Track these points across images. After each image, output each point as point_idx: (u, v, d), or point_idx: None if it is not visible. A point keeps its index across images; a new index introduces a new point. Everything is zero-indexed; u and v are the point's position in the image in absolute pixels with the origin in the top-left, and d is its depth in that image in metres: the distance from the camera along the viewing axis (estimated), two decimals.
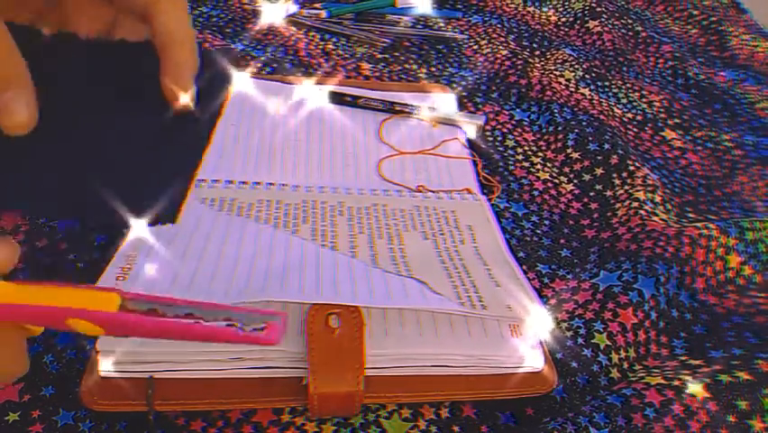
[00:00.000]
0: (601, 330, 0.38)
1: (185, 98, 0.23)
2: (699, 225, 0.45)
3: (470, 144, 0.53)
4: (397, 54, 0.65)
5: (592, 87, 0.63)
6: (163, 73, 0.23)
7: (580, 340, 0.37)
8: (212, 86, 0.24)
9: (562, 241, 0.46)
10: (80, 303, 0.20)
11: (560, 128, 0.55)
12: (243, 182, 0.44)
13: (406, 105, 0.55)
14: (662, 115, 0.61)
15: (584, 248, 0.45)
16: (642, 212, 0.46)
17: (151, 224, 0.23)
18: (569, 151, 0.53)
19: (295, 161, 0.48)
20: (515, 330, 0.35)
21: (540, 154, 0.54)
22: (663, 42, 0.73)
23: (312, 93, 0.55)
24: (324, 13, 0.68)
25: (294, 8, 0.68)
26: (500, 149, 0.54)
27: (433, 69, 0.64)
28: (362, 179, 0.48)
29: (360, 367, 0.32)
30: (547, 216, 0.48)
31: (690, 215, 0.50)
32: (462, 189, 0.47)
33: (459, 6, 0.77)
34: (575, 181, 0.51)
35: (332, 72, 0.61)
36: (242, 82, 0.55)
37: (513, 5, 0.78)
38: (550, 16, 0.77)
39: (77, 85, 0.23)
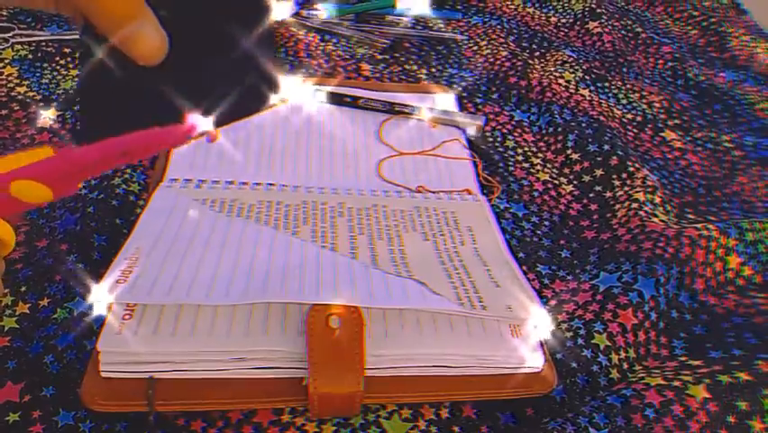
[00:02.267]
0: (601, 331, 0.38)
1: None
2: (698, 225, 0.45)
3: (470, 145, 0.53)
4: (397, 55, 0.65)
5: (592, 88, 0.63)
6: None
7: (579, 341, 0.37)
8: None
9: (561, 242, 0.46)
10: (18, 163, 0.21)
11: (560, 129, 0.55)
12: (244, 183, 0.44)
13: (406, 105, 0.55)
14: (662, 116, 0.61)
15: (584, 249, 0.46)
16: (641, 213, 0.46)
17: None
18: (569, 152, 0.53)
19: (295, 162, 0.48)
20: (515, 331, 0.35)
21: (540, 155, 0.54)
22: (663, 43, 0.73)
23: (312, 93, 0.55)
24: (324, 14, 0.68)
25: (294, 8, 0.68)
26: (500, 150, 0.54)
27: (433, 69, 0.64)
28: (362, 180, 0.48)
29: (360, 367, 0.32)
30: (547, 217, 0.48)
31: (690, 216, 0.50)
32: (462, 190, 0.47)
33: (459, 7, 0.77)
34: (575, 182, 0.51)
35: (332, 73, 0.61)
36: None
37: (513, 6, 0.78)
38: (550, 17, 0.77)
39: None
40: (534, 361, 0.34)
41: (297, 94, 0.55)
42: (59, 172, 0.21)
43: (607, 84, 0.64)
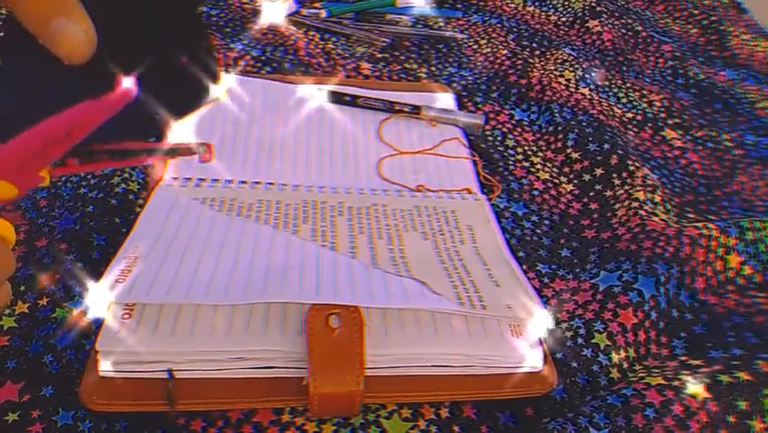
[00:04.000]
0: (601, 330, 0.38)
1: None
2: (699, 224, 0.45)
3: (470, 144, 0.53)
4: (396, 54, 0.65)
5: (592, 86, 0.63)
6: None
7: (580, 340, 0.37)
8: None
9: (561, 241, 0.46)
10: None
11: (560, 128, 0.55)
12: (243, 182, 0.44)
13: (405, 104, 0.55)
14: (663, 115, 0.61)
15: (584, 248, 0.45)
16: (642, 212, 0.46)
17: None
18: (569, 151, 0.53)
19: (295, 161, 0.48)
20: (515, 330, 0.35)
21: (540, 154, 0.54)
22: (663, 42, 0.73)
23: (312, 93, 0.54)
24: (323, 13, 0.68)
25: (294, 8, 0.68)
26: (500, 149, 0.54)
27: (433, 68, 0.64)
28: (362, 179, 0.48)
29: (360, 367, 0.31)
30: (547, 216, 0.48)
31: (690, 215, 0.50)
32: (462, 189, 0.47)
33: (459, 6, 0.77)
34: (575, 181, 0.51)
35: (332, 72, 0.61)
36: (242, 82, 0.55)
37: (513, 5, 0.78)
38: (550, 16, 0.77)
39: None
40: (534, 360, 0.34)
41: (298, 93, 0.55)
42: (10, 165, 0.21)
43: (607, 83, 0.64)
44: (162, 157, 0.25)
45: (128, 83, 0.21)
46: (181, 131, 0.24)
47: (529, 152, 0.54)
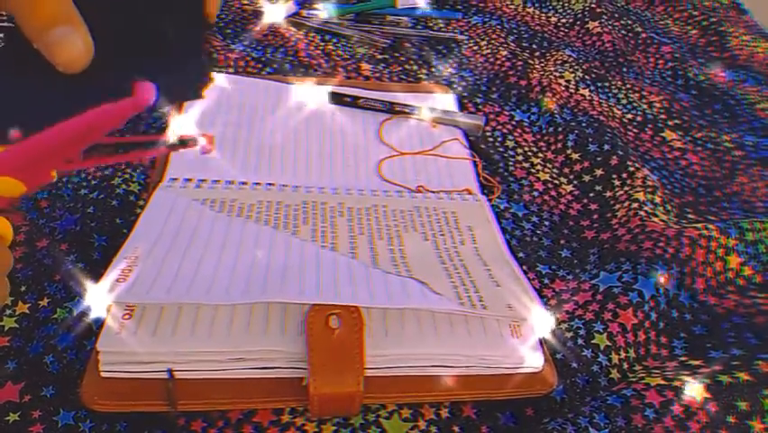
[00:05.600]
0: (601, 331, 0.38)
1: None
2: (698, 225, 0.45)
3: (470, 145, 0.53)
4: (397, 55, 0.65)
5: (592, 87, 0.63)
6: None
7: (580, 341, 0.37)
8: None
9: (562, 241, 0.46)
10: None
11: (560, 129, 0.55)
12: (243, 183, 0.44)
13: (406, 105, 0.55)
14: (663, 116, 0.61)
15: (584, 249, 0.45)
16: (642, 213, 0.46)
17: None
18: (569, 151, 0.53)
19: (295, 162, 0.48)
20: (515, 330, 0.35)
21: (540, 155, 0.54)
22: (663, 43, 0.73)
23: (312, 93, 0.55)
24: (324, 14, 0.68)
25: (294, 8, 0.68)
26: (500, 149, 0.54)
27: (433, 69, 0.64)
28: (362, 180, 0.48)
29: (360, 367, 0.32)
30: (547, 217, 0.48)
31: (690, 215, 0.50)
32: (462, 190, 0.47)
33: (459, 7, 0.77)
34: (575, 182, 0.51)
35: (332, 72, 0.61)
36: (242, 83, 0.55)
37: (513, 6, 0.78)
38: (550, 17, 0.77)
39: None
40: (535, 361, 0.34)
41: (298, 94, 0.55)
42: (20, 162, 0.21)
43: (607, 84, 0.64)
44: (164, 149, 0.25)
45: (147, 88, 0.21)
46: (181, 125, 0.24)
47: (529, 153, 0.54)
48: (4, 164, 0.21)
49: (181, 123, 0.24)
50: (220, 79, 0.55)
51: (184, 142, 0.25)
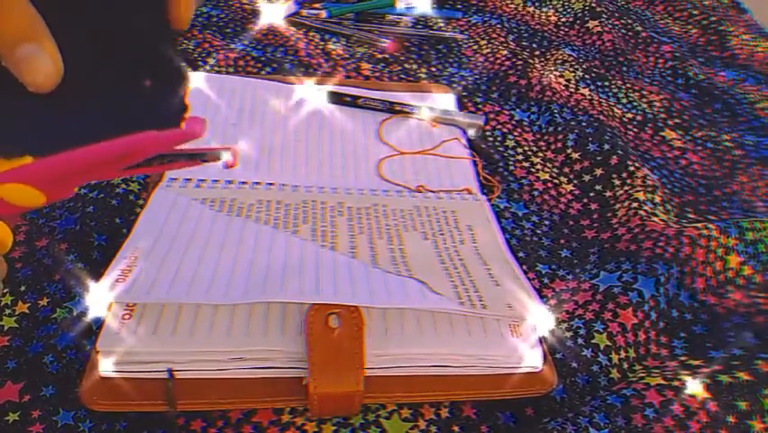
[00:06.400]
0: (601, 330, 0.38)
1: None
2: (698, 225, 0.45)
3: (470, 144, 0.53)
4: (397, 54, 0.65)
5: (592, 87, 0.63)
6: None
7: (579, 340, 0.37)
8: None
9: (561, 241, 0.46)
10: (2, 168, 0.20)
11: (560, 128, 0.55)
12: (243, 182, 0.44)
13: (406, 105, 0.55)
14: (662, 115, 0.61)
15: (584, 248, 0.45)
16: (642, 212, 0.46)
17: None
18: (569, 151, 0.53)
19: (295, 161, 0.48)
20: (515, 330, 0.35)
21: (540, 154, 0.54)
22: (663, 42, 0.73)
23: (312, 93, 0.55)
24: (324, 14, 0.68)
25: (294, 8, 0.68)
26: (500, 149, 0.54)
27: (433, 68, 0.64)
28: (362, 180, 0.48)
29: (360, 367, 0.32)
30: (547, 217, 0.48)
31: (690, 215, 0.50)
32: (462, 189, 0.47)
33: (459, 6, 0.77)
34: (575, 182, 0.51)
35: (332, 72, 0.61)
36: (241, 83, 0.55)
37: (513, 5, 0.78)
38: (550, 16, 0.77)
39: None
40: (534, 360, 0.34)
41: (298, 94, 0.55)
42: (50, 176, 0.21)
43: (607, 83, 0.64)
44: (187, 163, 0.24)
45: (197, 121, 0.21)
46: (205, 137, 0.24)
47: (529, 153, 0.54)
48: (32, 175, 0.21)
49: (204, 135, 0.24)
50: (220, 79, 0.55)
51: (206, 156, 0.25)
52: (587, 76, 0.64)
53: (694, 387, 0.33)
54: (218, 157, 0.25)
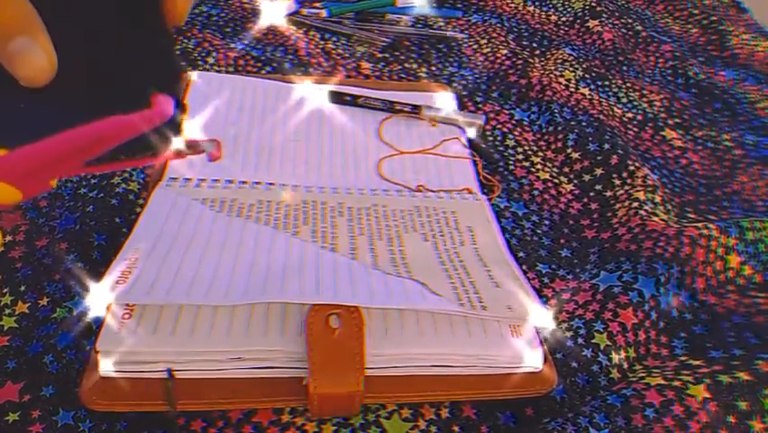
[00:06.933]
0: (601, 330, 0.38)
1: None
2: (699, 225, 0.45)
3: (470, 144, 0.53)
4: (397, 53, 0.65)
5: (592, 86, 0.63)
6: None
7: (580, 340, 0.37)
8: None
9: (562, 241, 0.46)
10: None
11: (560, 128, 0.55)
12: (243, 182, 0.44)
13: (406, 104, 0.55)
14: (663, 115, 0.61)
15: (584, 248, 0.45)
16: (642, 212, 0.46)
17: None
18: (569, 151, 0.53)
19: (295, 161, 0.48)
20: (515, 330, 0.35)
21: (540, 154, 0.54)
22: (663, 42, 0.73)
23: (312, 92, 0.54)
24: (324, 13, 0.68)
25: (294, 7, 0.68)
26: (500, 148, 0.54)
27: (433, 68, 0.64)
28: (362, 179, 0.48)
29: (360, 367, 0.32)
30: (547, 216, 0.48)
31: (691, 215, 0.50)
32: (462, 189, 0.47)
33: (459, 5, 0.77)
34: (575, 181, 0.51)
35: (332, 71, 0.61)
36: (241, 82, 0.55)
37: (513, 5, 0.78)
38: (550, 16, 0.77)
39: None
40: (534, 360, 0.34)
41: (298, 93, 0.55)
42: (22, 168, 0.20)
43: (607, 82, 0.64)
44: (170, 156, 0.24)
45: (165, 101, 0.21)
46: (189, 129, 0.24)
47: (529, 152, 0.54)
48: (3, 168, 0.20)
49: (189, 126, 0.24)
50: (220, 79, 0.55)
51: (191, 148, 0.24)
52: (587, 75, 0.64)
53: (694, 387, 0.33)
54: (202, 149, 0.25)
